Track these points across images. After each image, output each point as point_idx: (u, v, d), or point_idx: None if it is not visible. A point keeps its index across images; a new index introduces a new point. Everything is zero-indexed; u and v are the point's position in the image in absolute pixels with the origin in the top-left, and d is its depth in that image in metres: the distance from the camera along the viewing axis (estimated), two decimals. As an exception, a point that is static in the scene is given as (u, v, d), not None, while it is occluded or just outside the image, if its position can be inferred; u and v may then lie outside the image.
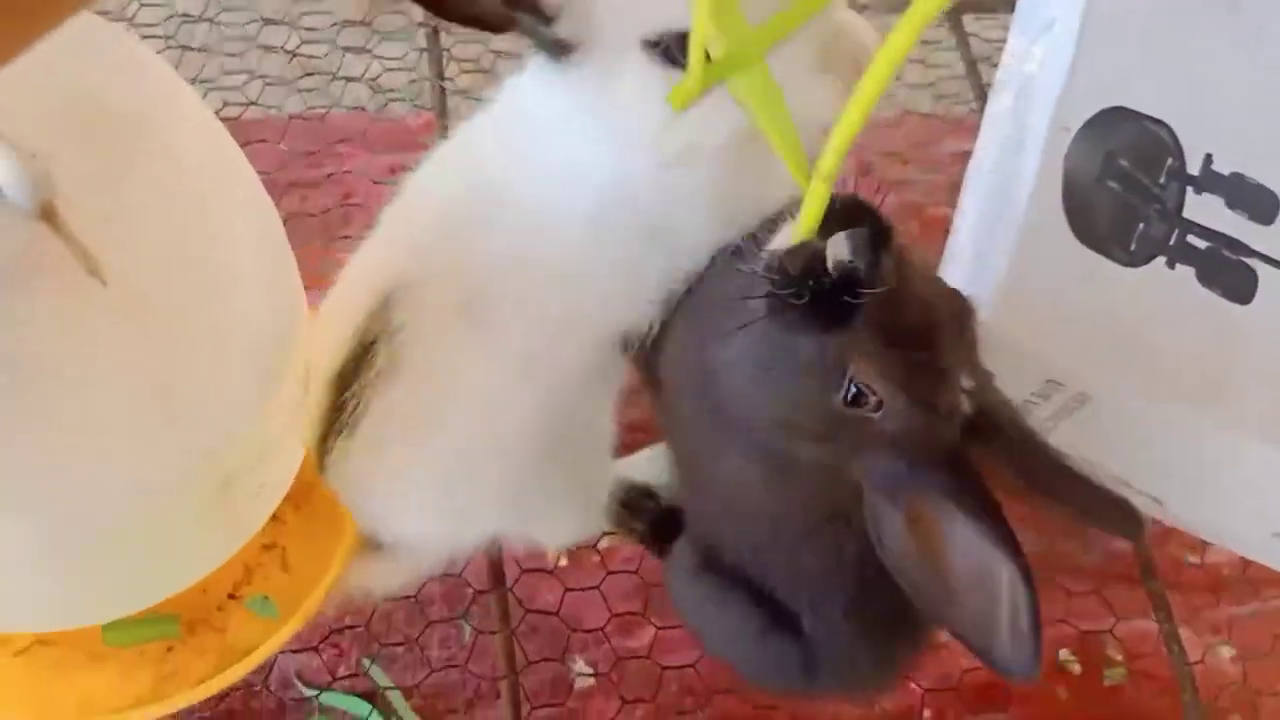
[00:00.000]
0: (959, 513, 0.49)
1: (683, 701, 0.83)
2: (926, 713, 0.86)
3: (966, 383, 0.51)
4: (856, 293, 0.47)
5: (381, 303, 0.61)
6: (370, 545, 0.70)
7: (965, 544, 0.49)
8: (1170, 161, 0.76)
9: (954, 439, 0.51)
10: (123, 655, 0.59)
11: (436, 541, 0.72)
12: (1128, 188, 0.75)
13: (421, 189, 0.65)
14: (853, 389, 0.49)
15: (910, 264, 0.50)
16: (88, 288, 0.42)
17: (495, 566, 0.78)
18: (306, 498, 0.63)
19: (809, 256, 0.48)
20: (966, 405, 0.51)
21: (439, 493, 0.67)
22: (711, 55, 0.47)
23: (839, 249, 0.47)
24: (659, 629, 0.84)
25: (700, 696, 0.83)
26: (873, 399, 0.49)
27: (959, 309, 0.52)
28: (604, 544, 0.87)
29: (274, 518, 0.60)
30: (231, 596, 0.65)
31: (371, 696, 0.81)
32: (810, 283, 0.48)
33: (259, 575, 0.66)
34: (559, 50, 0.53)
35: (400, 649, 0.83)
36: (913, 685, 0.85)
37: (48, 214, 0.41)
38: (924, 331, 0.49)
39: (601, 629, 0.84)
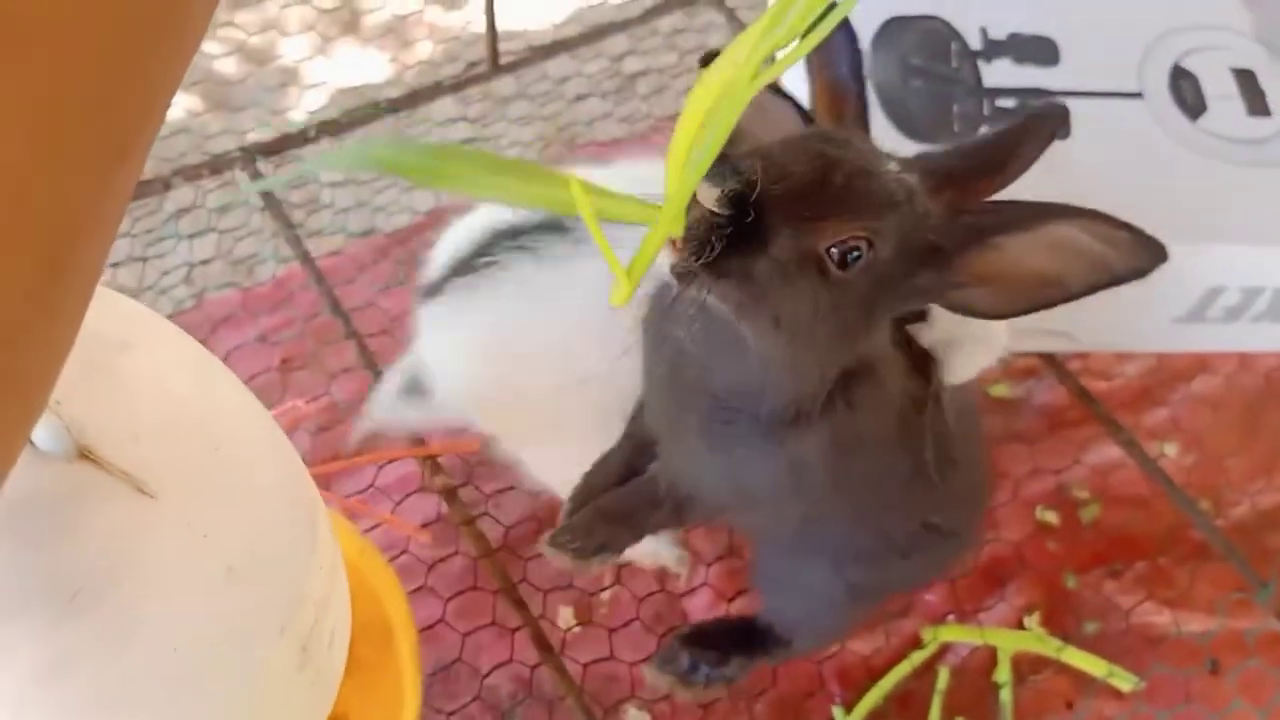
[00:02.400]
0: (998, 237, 0.51)
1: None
2: (931, 600, 0.90)
3: (892, 165, 0.51)
4: (751, 202, 0.46)
5: None
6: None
7: (1029, 246, 0.51)
8: (954, 46, 0.84)
9: (928, 203, 0.51)
10: None
11: None
12: (930, 80, 0.83)
13: None
14: (834, 254, 0.49)
15: (755, 143, 0.50)
16: (139, 507, 0.43)
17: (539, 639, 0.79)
18: (353, 654, 0.64)
19: (698, 223, 0.46)
20: (908, 178, 0.51)
21: None
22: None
23: (705, 192, 0.45)
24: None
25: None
26: (857, 243, 0.49)
27: (822, 133, 0.52)
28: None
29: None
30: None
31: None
32: (720, 234, 0.46)
33: (335, 749, 0.66)
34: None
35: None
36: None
37: (85, 453, 0.41)
38: (821, 165, 0.49)
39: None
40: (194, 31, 0.27)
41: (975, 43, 0.84)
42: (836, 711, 0.83)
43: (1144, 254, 0.49)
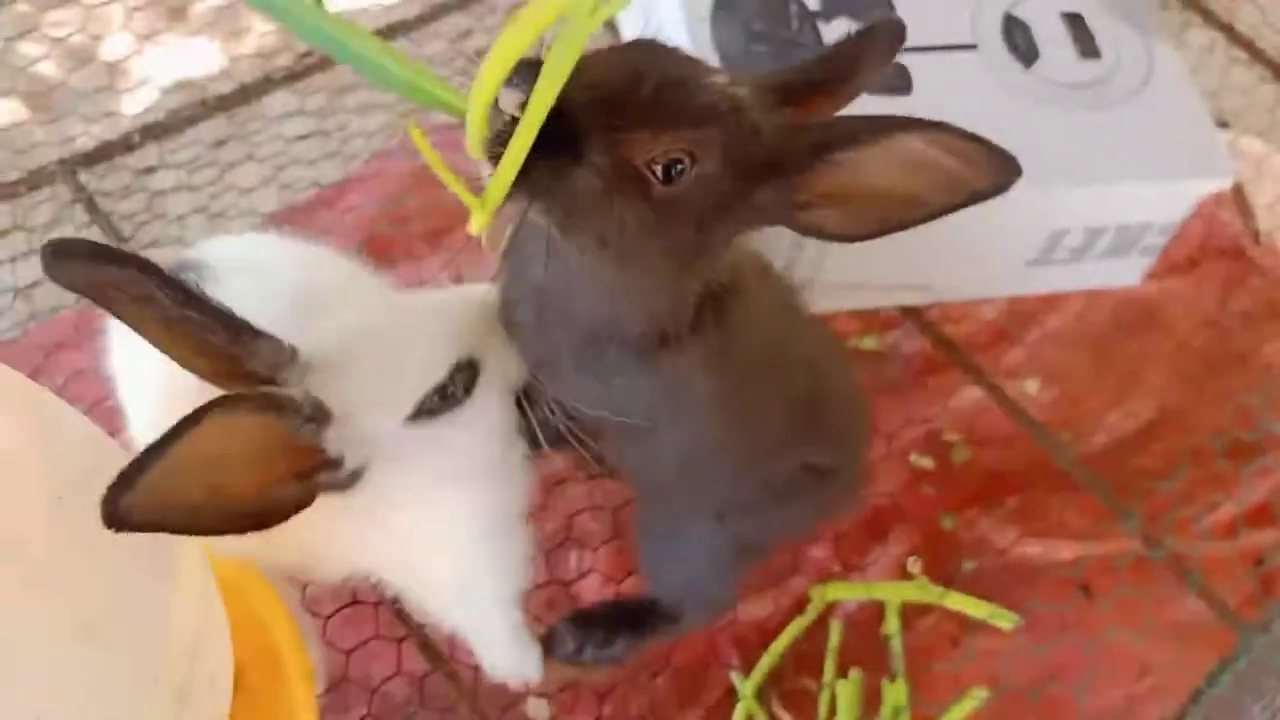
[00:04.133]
0: (841, 153, 0.48)
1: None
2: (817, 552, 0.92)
3: (719, 78, 0.49)
4: (560, 111, 0.43)
5: None
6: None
7: (877, 163, 0.48)
8: (793, 8, 0.84)
9: (760, 117, 0.49)
10: None
11: None
12: (772, 44, 0.82)
13: None
14: (657, 170, 0.47)
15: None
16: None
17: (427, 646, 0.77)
18: (243, 684, 0.61)
19: (501, 131, 0.44)
20: (737, 91, 0.49)
21: None
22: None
23: (506, 98, 0.43)
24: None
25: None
26: (676, 156, 0.47)
27: (643, 43, 0.50)
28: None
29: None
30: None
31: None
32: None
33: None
34: (351, 480, 0.58)
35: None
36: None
37: None
38: (631, 74, 0.46)
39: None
40: None
41: (813, 3, 0.84)
42: (735, 678, 0.84)
43: (1000, 169, 0.48)
